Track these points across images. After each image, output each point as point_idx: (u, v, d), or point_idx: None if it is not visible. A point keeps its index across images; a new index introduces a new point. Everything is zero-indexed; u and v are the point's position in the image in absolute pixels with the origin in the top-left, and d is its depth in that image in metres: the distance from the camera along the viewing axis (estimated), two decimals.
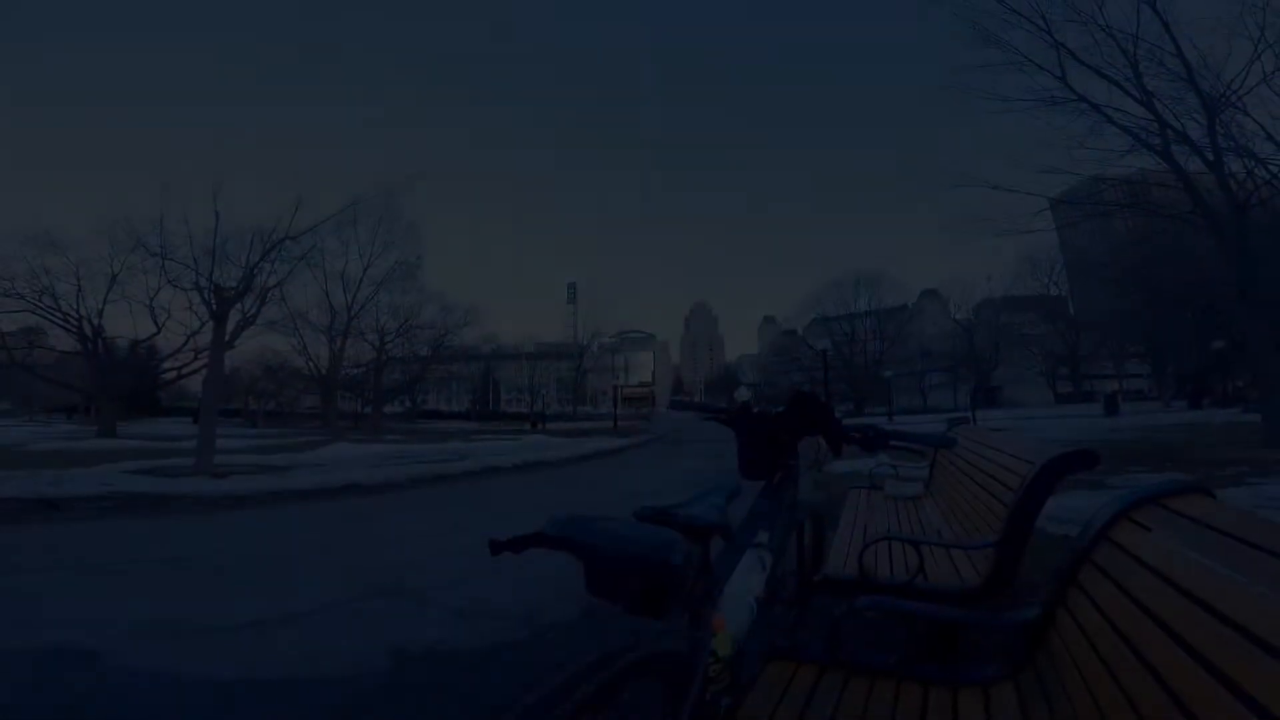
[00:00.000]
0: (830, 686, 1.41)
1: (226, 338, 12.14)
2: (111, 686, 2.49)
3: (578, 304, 69.88)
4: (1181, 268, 20.23)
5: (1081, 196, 14.26)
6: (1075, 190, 14.14)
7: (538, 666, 2.62)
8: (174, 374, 28.33)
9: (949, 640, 1.78)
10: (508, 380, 75.80)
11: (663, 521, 1.11)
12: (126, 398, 29.86)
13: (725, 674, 1.35)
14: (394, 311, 34.53)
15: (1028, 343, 54.21)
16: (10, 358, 26.14)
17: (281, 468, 11.42)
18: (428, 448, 17.59)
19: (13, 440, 19.64)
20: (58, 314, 25.59)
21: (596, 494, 8.46)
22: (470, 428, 42.36)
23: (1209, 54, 10.82)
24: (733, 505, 1.45)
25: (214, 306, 11.77)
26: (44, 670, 2.62)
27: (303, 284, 29.67)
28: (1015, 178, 23.75)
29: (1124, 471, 7.72)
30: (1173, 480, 1.20)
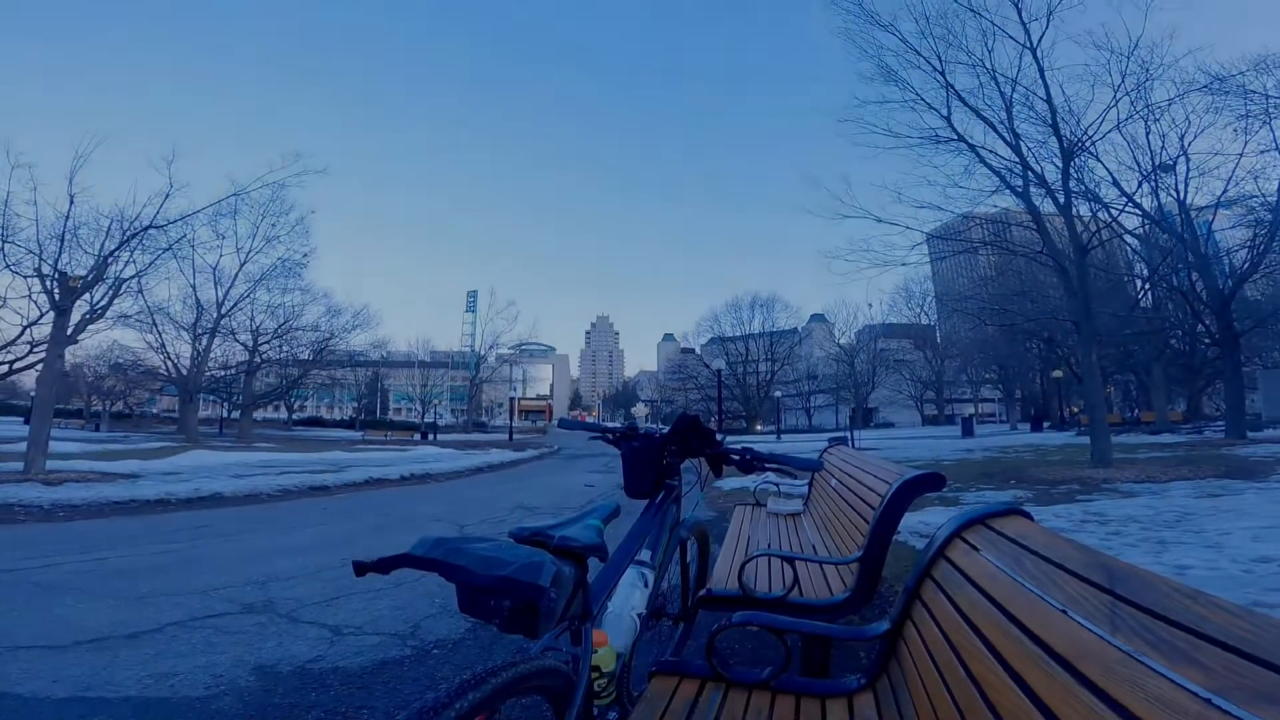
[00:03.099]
0: (710, 699, 1.44)
1: (69, 331, 10.84)
2: None
3: (477, 313, 68.00)
4: (1031, 302, 22.70)
5: (952, 232, 15.47)
6: (948, 226, 15.28)
7: (422, 684, 2.55)
8: (4, 369, 24.79)
9: (823, 650, 1.88)
10: (398, 389, 72.47)
11: (537, 543, 1.11)
12: None
13: (611, 688, 1.37)
14: (272, 311, 32.05)
15: (901, 368, 58.91)
16: None
17: (128, 475, 10.35)
18: (303, 457, 16.50)
19: None
20: None
21: (487, 509, 8.21)
22: (354, 437, 40.19)
23: (1074, 99, 12.04)
24: (615, 524, 1.46)
25: (56, 297, 10.47)
26: None
27: (165, 276, 27.05)
28: (896, 211, 25.74)
29: (975, 489, 8.46)
30: (997, 503, 1.34)
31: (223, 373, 32.73)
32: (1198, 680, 0.54)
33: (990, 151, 12.21)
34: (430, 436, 42.04)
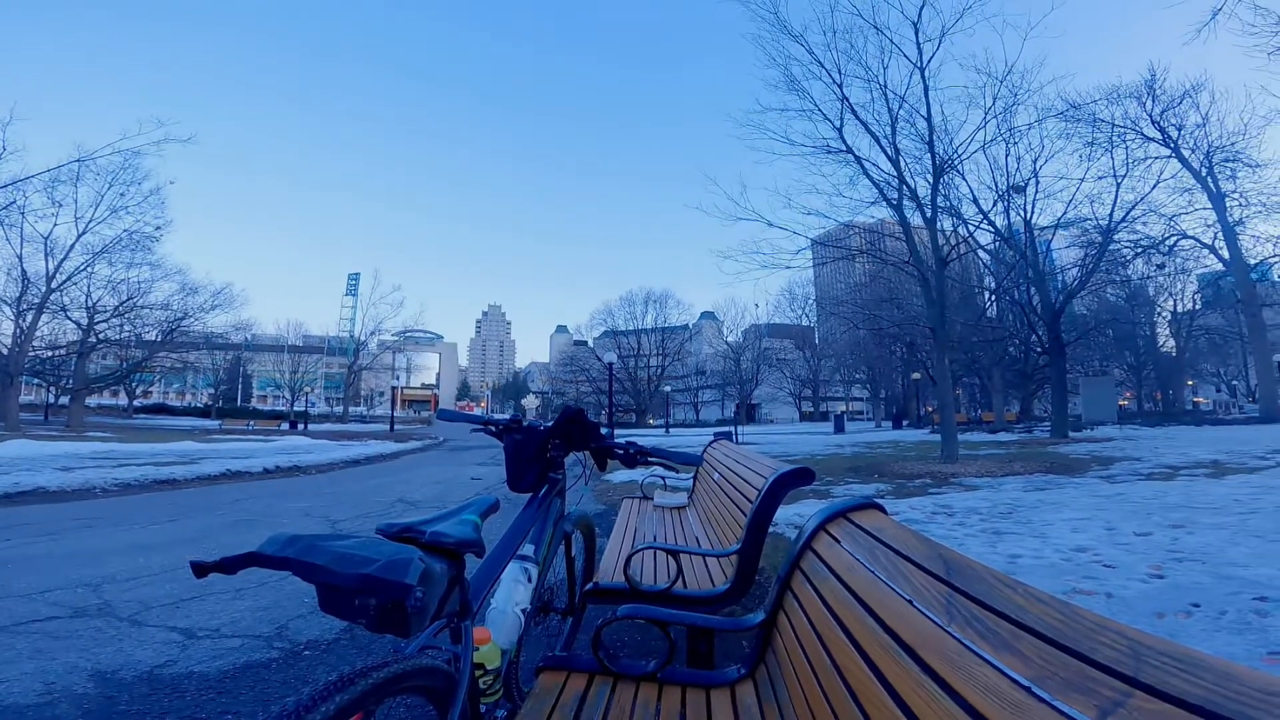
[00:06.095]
0: (599, 693, 1.44)
1: None
2: None
3: (359, 297, 64.12)
4: (897, 309, 24.69)
5: (833, 240, 16.42)
6: (830, 234, 16.17)
7: (292, 686, 2.40)
8: None
9: (707, 640, 1.93)
10: (264, 374, 66.97)
11: (408, 539, 1.07)
12: None
13: (497, 685, 1.34)
14: (114, 287, 28.51)
15: (783, 366, 62.28)
16: None
17: None
18: (148, 448, 14.83)
19: None
20: None
21: (363, 503, 7.76)
22: (210, 426, 36.76)
23: (950, 119, 13.05)
24: (497, 519, 1.43)
25: None
26: None
27: None
28: (786, 216, 27.02)
29: (844, 482, 9.05)
30: (858, 496, 1.45)
31: (50, 353, 28.79)
32: (1019, 669, 0.60)
33: (873, 165, 13.06)
34: (300, 426, 39.32)
